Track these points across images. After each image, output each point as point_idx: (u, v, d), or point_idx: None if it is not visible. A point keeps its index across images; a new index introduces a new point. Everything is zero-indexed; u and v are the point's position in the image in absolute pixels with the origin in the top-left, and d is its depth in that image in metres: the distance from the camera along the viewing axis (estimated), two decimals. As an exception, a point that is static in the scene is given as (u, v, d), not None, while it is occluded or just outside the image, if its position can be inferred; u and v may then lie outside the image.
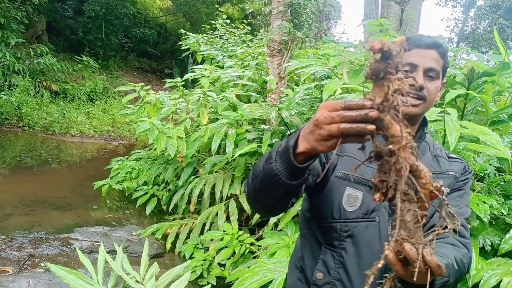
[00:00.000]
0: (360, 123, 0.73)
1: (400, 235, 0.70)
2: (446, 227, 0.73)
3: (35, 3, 11.30)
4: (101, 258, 2.51)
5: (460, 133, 2.16)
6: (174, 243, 4.13)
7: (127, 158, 6.05)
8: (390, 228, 1.13)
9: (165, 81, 6.02)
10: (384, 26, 3.74)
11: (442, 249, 1.08)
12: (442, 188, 0.72)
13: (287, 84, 5.27)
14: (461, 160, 1.33)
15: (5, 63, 10.19)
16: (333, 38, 8.52)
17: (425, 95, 1.18)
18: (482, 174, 2.37)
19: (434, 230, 0.73)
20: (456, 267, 1.05)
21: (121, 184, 5.38)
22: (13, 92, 10.00)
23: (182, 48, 7.86)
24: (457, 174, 1.27)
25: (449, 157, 1.31)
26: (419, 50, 1.19)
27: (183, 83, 5.70)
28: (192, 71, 5.87)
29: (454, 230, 1.18)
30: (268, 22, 5.33)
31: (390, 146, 0.70)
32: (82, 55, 13.63)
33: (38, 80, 11.26)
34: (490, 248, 2.20)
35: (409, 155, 0.70)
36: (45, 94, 11.05)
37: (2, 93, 9.58)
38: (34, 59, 11.20)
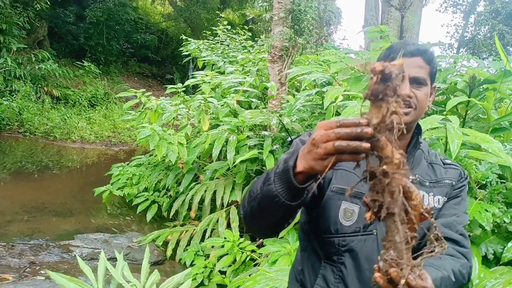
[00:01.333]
0: (356, 140, 0.73)
1: (389, 256, 0.70)
2: (433, 251, 0.74)
3: (37, 8, 11.35)
4: (102, 266, 2.51)
5: (462, 141, 2.15)
6: (174, 250, 4.12)
7: (127, 164, 6.04)
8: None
9: (166, 87, 6.04)
10: (385, 33, 3.74)
11: (439, 261, 1.07)
12: (432, 211, 0.73)
13: (288, 90, 5.28)
14: (457, 166, 1.32)
15: (7, 68, 10.21)
16: (334, 44, 8.54)
17: (415, 103, 1.17)
18: (484, 182, 2.36)
19: (422, 253, 0.73)
20: (454, 279, 1.05)
21: (122, 190, 5.38)
22: (14, 97, 10.02)
23: (183, 53, 7.88)
24: (453, 182, 1.26)
25: (444, 164, 1.30)
26: (404, 58, 1.18)
27: (184, 89, 5.71)
28: (193, 77, 5.89)
29: (455, 240, 1.18)
30: (269, 28, 5.35)
31: (384, 167, 0.70)
32: (83, 61, 13.66)
33: (39, 85, 11.28)
34: (493, 256, 2.18)
35: (402, 176, 0.70)
36: (46, 100, 11.07)
37: (3, 98, 9.59)
38: (35, 65, 11.22)
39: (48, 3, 11.47)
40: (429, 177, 1.25)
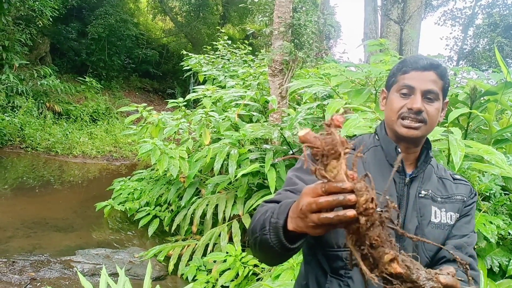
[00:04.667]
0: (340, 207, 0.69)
1: None
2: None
3: (39, 25, 11.48)
4: (103, 282, 2.48)
5: (465, 153, 2.15)
6: (176, 265, 4.08)
7: (129, 179, 6.03)
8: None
9: (167, 101, 6.05)
10: (384, 46, 3.77)
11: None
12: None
13: (289, 104, 5.29)
14: (466, 182, 1.31)
15: (9, 84, 10.27)
16: (334, 57, 8.60)
17: (425, 118, 1.16)
18: (487, 194, 2.34)
19: None
20: None
21: (123, 205, 5.36)
22: (16, 113, 10.06)
23: (184, 68, 7.93)
24: (465, 198, 1.26)
25: (454, 179, 1.29)
26: (416, 72, 1.17)
27: (185, 103, 5.73)
28: (194, 91, 5.91)
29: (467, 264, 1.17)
30: (269, 43, 5.39)
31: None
32: (85, 76, 13.76)
33: (41, 101, 11.34)
34: (498, 269, 2.16)
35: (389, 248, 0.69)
36: (48, 115, 11.11)
37: (5, 114, 9.63)
38: (37, 81, 11.30)
39: (51, 19, 11.59)
40: (440, 192, 1.24)
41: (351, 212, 0.67)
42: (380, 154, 1.24)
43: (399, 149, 1.20)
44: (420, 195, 1.21)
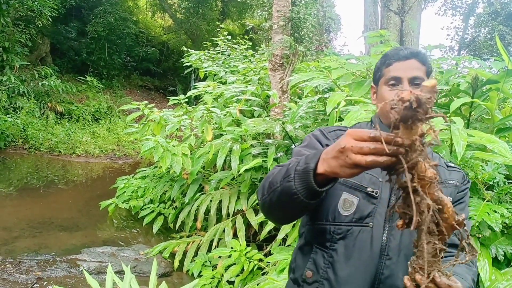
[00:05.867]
0: (388, 156, 0.74)
1: (417, 264, 0.73)
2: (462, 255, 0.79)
3: (39, 26, 11.46)
4: (109, 279, 2.50)
5: (467, 142, 2.14)
6: (182, 261, 4.10)
7: (132, 177, 6.05)
8: (385, 233, 1.17)
9: (169, 99, 6.05)
10: (385, 37, 3.75)
11: (459, 270, 1.11)
12: (464, 221, 0.74)
13: (290, 98, 5.28)
14: (460, 169, 1.35)
15: (10, 86, 10.29)
16: (334, 50, 8.56)
17: None
18: (491, 183, 2.34)
19: (452, 259, 0.77)
20: None
21: (127, 203, 5.38)
22: (19, 114, 10.08)
23: (185, 65, 7.92)
24: (457, 183, 1.29)
25: (448, 166, 1.34)
26: (399, 62, 1.23)
27: (186, 100, 5.73)
28: (195, 88, 5.91)
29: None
30: (269, 37, 5.37)
31: (415, 185, 0.71)
32: (86, 76, 13.77)
33: (43, 101, 11.36)
34: (503, 258, 2.16)
35: (434, 191, 0.71)
36: (50, 116, 11.14)
37: (7, 115, 9.64)
38: (38, 81, 11.31)
39: (50, 19, 11.58)
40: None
41: (401, 163, 0.72)
42: None
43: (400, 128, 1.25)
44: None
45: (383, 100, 1.24)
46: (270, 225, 3.66)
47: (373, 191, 1.19)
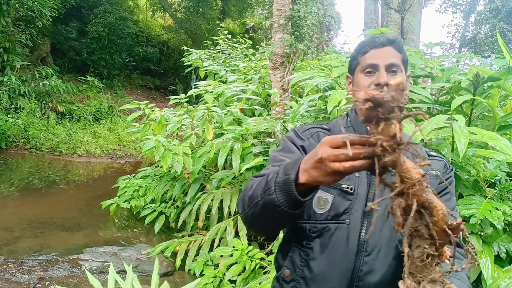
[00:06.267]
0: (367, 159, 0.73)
1: (408, 269, 0.69)
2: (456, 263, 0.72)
3: (39, 26, 11.47)
4: (111, 279, 2.50)
5: (469, 140, 2.14)
6: (183, 261, 4.10)
7: (134, 176, 6.05)
8: (363, 230, 1.14)
9: (169, 98, 6.05)
10: (385, 35, 3.73)
11: (457, 282, 1.06)
12: (461, 226, 0.69)
13: (291, 96, 5.28)
14: (441, 158, 1.32)
15: (11, 86, 10.29)
16: (335, 48, 8.55)
17: None
18: (493, 180, 2.33)
19: (448, 269, 0.71)
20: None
21: (129, 203, 5.38)
22: (20, 114, 10.09)
23: (185, 64, 7.92)
24: (438, 173, 1.25)
25: (429, 155, 1.31)
26: (376, 50, 1.21)
27: (187, 99, 5.72)
28: (195, 87, 5.90)
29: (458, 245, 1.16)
30: (270, 36, 5.37)
31: (399, 186, 0.69)
32: (86, 76, 13.77)
33: (44, 102, 11.37)
34: (506, 255, 2.16)
35: (422, 191, 0.68)
36: (51, 116, 11.15)
37: (8, 116, 9.65)
38: (39, 81, 11.32)
39: (50, 20, 11.58)
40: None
41: (379, 165, 0.71)
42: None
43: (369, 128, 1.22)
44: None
45: (359, 88, 1.22)
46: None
47: (348, 188, 1.17)
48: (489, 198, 2.26)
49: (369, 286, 1.11)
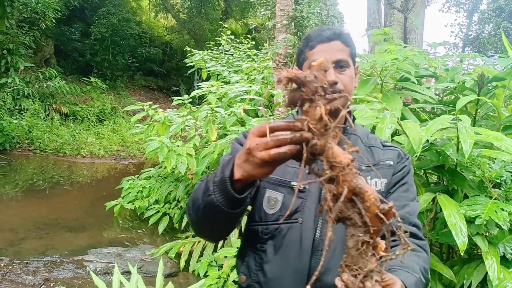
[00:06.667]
0: (293, 145, 0.70)
1: (344, 261, 0.66)
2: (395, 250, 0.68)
3: (43, 27, 11.52)
4: (116, 280, 2.50)
5: (474, 140, 2.13)
6: (188, 262, 4.11)
7: (137, 177, 6.06)
8: (318, 228, 1.10)
9: (172, 99, 6.05)
10: (389, 35, 3.73)
11: (407, 260, 1.01)
12: (393, 210, 0.66)
13: (294, 97, 5.27)
14: (395, 147, 1.28)
15: (15, 87, 10.35)
16: (338, 48, 8.52)
17: (341, 88, 1.13)
18: (498, 181, 2.32)
19: (381, 257, 0.66)
20: (424, 280, 1.00)
21: (133, 204, 5.39)
22: (24, 116, 10.14)
23: (188, 65, 7.92)
24: (392, 162, 1.22)
25: (384, 146, 1.27)
26: (323, 45, 1.17)
27: (190, 100, 5.73)
28: (198, 88, 5.90)
29: (411, 233, 1.09)
30: (273, 36, 5.37)
31: (328, 172, 0.66)
32: (90, 77, 13.83)
33: (48, 103, 11.42)
34: (511, 256, 2.14)
35: (352, 177, 0.65)
36: (55, 117, 11.19)
37: (12, 117, 9.70)
38: (43, 83, 11.37)
39: (54, 21, 11.62)
40: (367, 161, 1.19)
41: (306, 150, 0.67)
42: None
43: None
44: None
45: None
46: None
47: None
48: (494, 199, 2.25)
49: (328, 285, 1.03)
